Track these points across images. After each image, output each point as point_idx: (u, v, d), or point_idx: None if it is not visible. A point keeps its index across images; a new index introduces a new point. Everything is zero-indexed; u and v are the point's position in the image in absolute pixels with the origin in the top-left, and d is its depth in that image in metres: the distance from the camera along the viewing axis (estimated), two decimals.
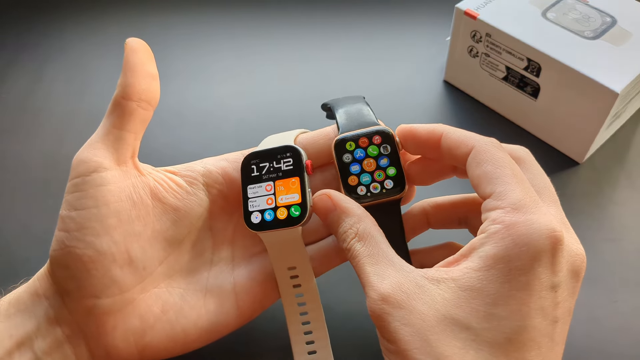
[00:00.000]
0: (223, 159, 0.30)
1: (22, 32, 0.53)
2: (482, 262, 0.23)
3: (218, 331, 0.28)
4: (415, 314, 0.22)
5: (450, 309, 0.22)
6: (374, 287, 0.23)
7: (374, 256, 0.25)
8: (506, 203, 0.23)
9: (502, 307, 0.22)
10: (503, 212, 0.23)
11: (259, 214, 0.28)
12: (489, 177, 0.24)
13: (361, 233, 0.26)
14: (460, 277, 0.23)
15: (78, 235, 0.25)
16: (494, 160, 0.25)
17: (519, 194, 0.23)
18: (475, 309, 0.22)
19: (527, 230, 0.22)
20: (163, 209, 0.28)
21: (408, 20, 0.53)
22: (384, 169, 0.28)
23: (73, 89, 0.48)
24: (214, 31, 0.53)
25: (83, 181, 0.26)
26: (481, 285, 0.22)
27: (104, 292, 0.26)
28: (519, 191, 0.24)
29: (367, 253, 0.25)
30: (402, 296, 0.23)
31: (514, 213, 0.23)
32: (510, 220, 0.23)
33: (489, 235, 0.23)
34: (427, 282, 0.23)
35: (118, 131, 0.27)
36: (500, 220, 0.23)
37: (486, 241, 0.23)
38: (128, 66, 0.27)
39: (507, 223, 0.23)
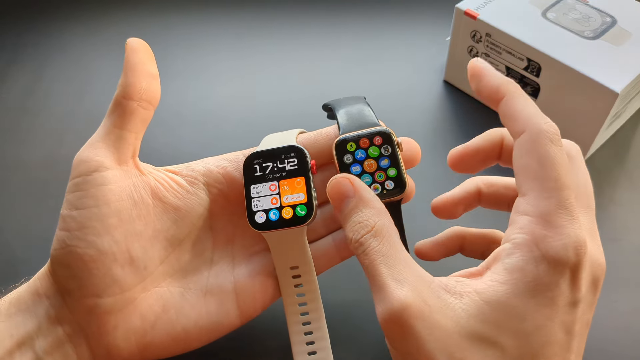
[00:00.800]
0: (224, 158, 0.30)
1: (22, 32, 0.53)
2: (509, 275, 0.22)
3: (219, 330, 0.28)
4: (440, 328, 0.21)
5: (476, 324, 0.22)
6: (392, 292, 0.22)
7: (391, 257, 0.23)
8: (538, 212, 0.22)
9: (529, 322, 0.22)
10: (532, 221, 0.22)
11: (263, 213, 0.28)
12: (530, 174, 0.23)
13: (378, 228, 0.24)
14: (484, 290, 0.22)
15: (79, 234, 0.25)
16: (542, 156, 0.23)
17: (553, 204, 0.22)
18: (502, 325, 0.22)
19: (555, 245, 0.22)
20: (164, 209, 0.28)
21: (408, 20, 0.53)
22: (384, 170, 0.28)
23: (73, 89, 0.48)
24: (214, 31, 0.53)
25: (84, 180, 0.26)
26: (507, 299, 0.22)
27: (105, 291, 0.26)
28: (555, 201, 0.22)
29: (383, 252, 0.23)
30: (425, 308, 0.22)
31: (543, 225, 0.22)
32: (540, 233, 0.22)
33: (516, 246, 0.22)
34: (449, 296, 0.22)
35: (119, 130, 0.27)
36: (529, 231, 0.22)
37: (512, 252, 0.22)
38: (129, 66, 0.27)
39: (536, 235, 0.22)
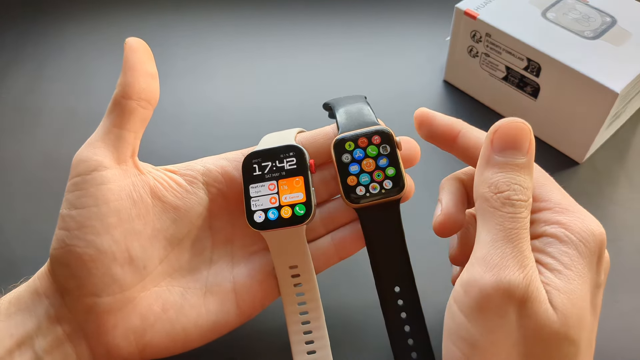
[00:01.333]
0: (223, 158, 0.30)
1: (21, 32, 0.53)
2: (562, 265, 0.22)
3: (218, 330, 0.28)
4: (542, 318, 0.22)
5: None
6: (525, 268, 0.21)
7: (528, 236, 0.22)
8: (552, 204, 0.23)
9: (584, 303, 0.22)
10: (553, 212, 0.23)
11: (262, 213, 0.28)
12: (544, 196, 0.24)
13: (530, 205, 0.23)
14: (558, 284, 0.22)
15: (78, 233, 0.25)
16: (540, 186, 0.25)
17: (559, 195, 0.23)
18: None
19: (583, 229, 0.22)
20: (163, 208, 0.28)
21: (408, 20, 0.53)
22: (383, 169, 0.28)
23: (73, 89, 0.48)
24: (214, 31, 0.53)
25: (83, 180, 0.26)
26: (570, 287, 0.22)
27: (104, 290, 0.26)
28: (558, 192, 0.24)
29: (527, 227, 0.22)
30: (541, 296, 0.21)
31: (565, 213, 0.23)
32: (566, 220, 0.23)
33: (551, 235, 0.23)
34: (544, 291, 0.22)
35: (118, 130, 0.27)
36: (556, 221, 0.23)
37: (551, 242, 0.22)
38: (128, 65, 0.27)
39: (564, 223, 0.22)
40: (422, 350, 0.28)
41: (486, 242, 0.22)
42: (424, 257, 0.31)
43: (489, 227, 0.22)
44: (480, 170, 0.24)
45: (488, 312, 0.21)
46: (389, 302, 0.28)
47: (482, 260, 0.22)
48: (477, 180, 0.24)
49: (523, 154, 0.23)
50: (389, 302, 0.28)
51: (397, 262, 0.28)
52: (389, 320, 0.28)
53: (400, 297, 0.28)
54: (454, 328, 0.23)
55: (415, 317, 0.28)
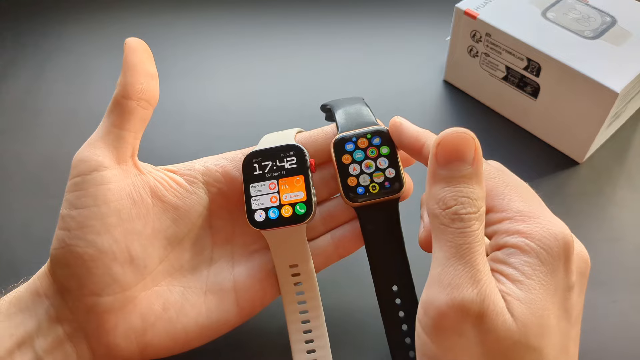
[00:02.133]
0: (223, 157, 0.30)
1: (22, 32, 0.53)
2: (521, 274, 0.22)
3: (218, 329, 0.28)
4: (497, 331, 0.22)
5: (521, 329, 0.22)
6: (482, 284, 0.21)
7: (482, 249, 0.22)
8: (512, 213, 0.23)
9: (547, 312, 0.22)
10: (513, 222, 0.23)
11: (262, 212, 0.28)
12: (488, 194, 0.24)
13: (481, 215, 0.23)
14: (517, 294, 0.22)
15: (79, 233, 0.25)
16: (492, 175, 0.24)
17: (519, 202, 0.23)
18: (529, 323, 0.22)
19: (545, 234, 0.22)
20: (163, 208, 0.28)
21: (408, 20, 0.53)
22: (382, 170, 0.28)
23: (73, 89, 0.48)
24: (214, 31, 0.53)
25: (83, 180, 0.26)
26: (528, 297, 0.22)
27: (104, 290, 0.26)
28: (518, 200, 0.23)
29: (480, 240, 0.22)
30: (498, 309, 0.21)
31: (525, 221, 0.22)
32: (526, 228, 0.22)
33: (512, 245, 0.22)
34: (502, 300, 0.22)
35: (118, 130, 0.27)
36: (516, 230, 0.22)
37: (513, 252, 0.22)
38: (128, 65, 0.27)
39: (524, 232, 0.22)
40: None
41: (439, 260, 0.22)
42: (422, 256, 0.31)
43: (441, 244, 0.22)
44: (428, 186, 0.23)
45: (446, 331, 0.21)
46: (386, 301, 0.29)
47: (436, 280, 0.22)
48: (427, 197, 0.23)
49: (468, 164, 0.22)
50: (386, 300, 0.29)
51: (395, 261, 0.29)
52: (387, 319, 0.29)
53: (398, 295, 0.28)
54: (420, 347, 0.23)
55: (413, 315, 0.28)
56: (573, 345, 0.23)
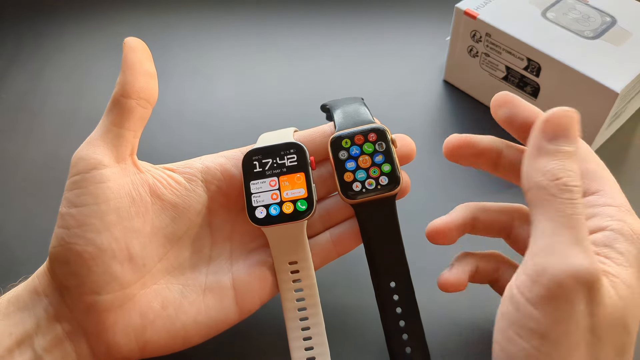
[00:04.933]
0: (221, 155, 0.30)
1: (21, 32, 0.53)
2: (626, 259, 0.23)
3: (217, 327, 0.28)
4: (611, 305, 0.22)
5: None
6: (591, 256, 0.21)
7: (586, 225, 0.23)
8: (617, 203, 0.24)
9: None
10: (618, 210, 0.24)
11: (263, 209, 0.29)
12: (592, 175, 0.25)
13: (582, 192, 0.23)
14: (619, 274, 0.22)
15: (78, 231, 0.26)
16: (595, 159, 0.26)
17: (623, 198, 0.24)
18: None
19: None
20: (162, 206, 0.28)
21: (408, 20, 0.53)
22: (379, 166, 0.29)
23: (73, 89, 0.48)
24: (214, 30, 0.53)
25: (82, 178, 0.26)
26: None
27: (104, 288, 0.26)
28: (622, 196, 0.24)
29: (583, 212, 0.22)
30: (606, 281, 0.22)
31: (628, 215, 0.24)
32: (631, 223, 0.23)
33: (617, 231, 0.23)
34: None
35: (117, 129, 0.27)
36: (621, 218, 0.23)
37: (618, 237, 0.23)
38: (127, 65, 0.27)
39: (630, 223, 0.23)
40: (417, 345, 0.29)
41: (548, 230, 0.22)
42: (420, 254, 0.31)
43: (550, 214, 0.22)
44: (531, 159, 0.24)
45: (560, 300, 0.21)
46: (384, 297, 0.29)
47: (549, 249, 0.22)
48: (528, 170, 0.24)
49: (573, 142, 0.23)
50: (384, 297, 0.29)
51: (393, 258, 0.29)
52: (385, 315, 0.29)
53: (395, 292, 0.29)
54: (520, 319, 0.22)
55: (411, 312, 0.29)
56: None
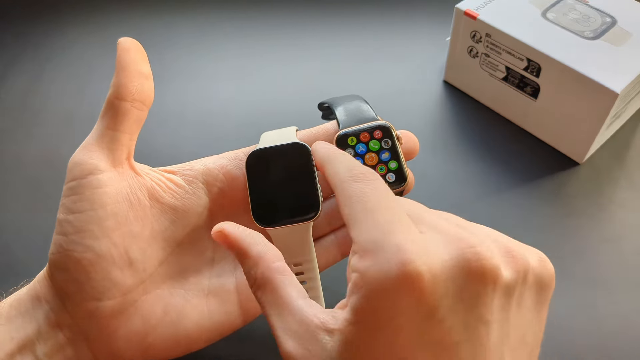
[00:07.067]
0: (223, 157, 0.30)
1: (22, 32, 0.53)
2: (353, 316, 0.20)
3: (221, 331, 0.28)
4: None
5: None
6: (282, 345, 0.22)
7: (277, 306, 0.22)
8: (358, 247, 0.21)
9: (384, 357, 0.20)
10: (358, 257, 0.21)
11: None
12: (347, 221, 0.22)
13: (259, 280, 0.23)
14: (342, 330, 0.21)
15: (76, 238, 0.25)
16: (347, 199, 0.22)
17: (370, 232, 0.21)
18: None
19: (377, 276, 0.20)
20: (161, 209, 0.28)
21: (408, 21, 0.53)
22: (385, 163, 0.29)
23: (73, 89, 0.48)
24: (215, 31, 0.53)
25: (79, 184, 0.26)
26: (359, 338, 0.20)
27: (104, 294, 0.26)
28: (371, 228, 0.21)
29: (270, 302, 0.23)
30: (306, 354, 0.21)
31: (365, 257, 0.20)
32: (363, 266, 0.20)
33: (352, 285, 0.21)
34: (324, 335, 0.21)
35: (113, 132, 0.27)
36: (356, 268, 0.21)
37: (352, 291, 0.21)
38: (121, 66, 0.27)
39: (361, 271, 0.20)
40: None
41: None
42: None
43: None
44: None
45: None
46: None
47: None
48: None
49: (231, 248, 0.25)
50: None
51: None
52: None
53: None
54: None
55: None
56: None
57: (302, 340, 0.21)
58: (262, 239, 0.24)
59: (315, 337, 0.21)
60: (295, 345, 0.22)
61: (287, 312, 0.22)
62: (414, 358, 0.20)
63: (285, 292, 0.23)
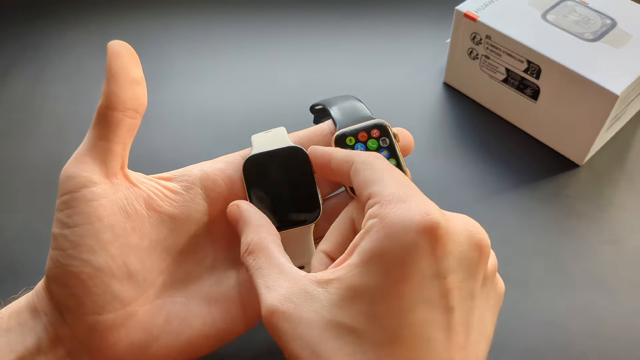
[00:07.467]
0: (220, 161, 0.30)
1: (22, 34, 0.53)
2: (361, 258, 0.22)
3: (225, 337, 0.28)
4: (303, 324, 0.22)
5: (337, 312, 0.21)
6: (263, 301, 0.23)
7: (263, 267, 0.24)
8: (381, 197, 0.23)
9: (381, 304, 0.21)
10: (379, 206, 0.23)
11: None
12: (367, 182, 0.24)
13: (252, 246, 0.25)
14: (343, 277, 0.22)
15: (73, 253, 0.25)
16: (371, 166, 0.25)
17: (394, 187, 0.23)
18: (358, 310, 0.21)
19: (398, 218, 0.21)
20: (159, 219, 0.27)
21: (408, 23, 0.53)
22: None
23: (73, 91, 0.48)
24: (215, 33, 0.53)
25: (72, 198, 0.25)
26: (362, 283, 0.21)
27: (105, 307, 0.25)
28: (395, 185, 0.23)
29: (257, 265, 0.24)
30: (290, 307, 0.22)
31: (387, 204, 0.22)
32: (384, 211, 0.22)
33: (366, 230, 0.22)
34: (316, 287, 0.22)
35: (105, 143, 0.26)
36: (376, 214, 0.22)
37: (364, 236, 0.22)
38: (111, 73, 0.25)
39: (381, 215, 0.22)
40: None
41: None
42: None
43: None
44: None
45: (276, 340, 0.23)
46: None
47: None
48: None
49: (240, 221, 0.28)
50: None
51: None
52: None
53: None
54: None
55: None
56: (456, 332, 0.22)
57: (289, 294, 0.22)
58: (265, 218, 0.27)
59: (305, 290, 0.22)
60: (279, 298, 0.22)
61: (277, 271, 0.23)
62: (412, 311, 0.21)
63: (276, 256, 0.24)
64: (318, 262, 0.26)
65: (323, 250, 0.27)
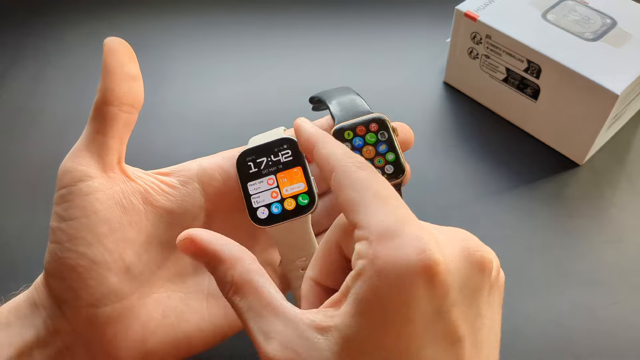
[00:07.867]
0: (218, 156, 0.30)
1: (22, 34, 0.53)
2: (357, 307, 0.20)
3: (222, 334, 0.28)
4: None
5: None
6: (262, 350, 0.20)
7: (254, 309, 0.21)
8: (368, 232, 0.20)
9: (386, 352, 0.19)
10: (367, 243, 0.20)
11: (265, 208, 0.28)
12: (352, 205, 0.21)
13: (236, 283, 0.22)
14: (341, 326, 0.20)
15: (69, 246, 0.25)
16: (354, 183, 0.22)
17: (381, 216, 0.20)
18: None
19: (392, 260, 0.19)
20: (156, 213, 0.27)
21: (408, 22, 0.53)
22: (383, 155, 0.29)
23: (73, 90, 0.48)
24: (215, 32, 0.53)
25: (69, 191, 0.25)
26: (362, 334, 0.19)
27: (101, 301, 0.25)
28: (382, 213, 0.20)
29: (247, 307, 0.21)
30: (292, 356, 0.20)
31: (377, 243, 0.20)
32: (375, 251, 0.20)
33: (357, 273, 0.20)
34: (315, 334, 0.20)
35: (101, 137, 0.26)
36: (365, 254, 0.20)
37: (356, 280, 0.20)
38: (106, 69, 0.26)
39: (371, 257, 0.20)
40: None
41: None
42: None
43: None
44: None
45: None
46: None
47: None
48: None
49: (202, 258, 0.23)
50: None
51: None
52: None
53: None
54: None
55: None
56: (474, 354, 0.20)
57: (288, 341, 0.20)
58: (235, 242, 0.23)
59: (304, 338, 0.20)
60: (280, 348, 0.20)
61: (270, 313, 0.21)
62: (419, 353, 0.19)
63: (267, 292, 0.21)
64: (306, 290, 0.24)
65: (311, 278, 0.24)
